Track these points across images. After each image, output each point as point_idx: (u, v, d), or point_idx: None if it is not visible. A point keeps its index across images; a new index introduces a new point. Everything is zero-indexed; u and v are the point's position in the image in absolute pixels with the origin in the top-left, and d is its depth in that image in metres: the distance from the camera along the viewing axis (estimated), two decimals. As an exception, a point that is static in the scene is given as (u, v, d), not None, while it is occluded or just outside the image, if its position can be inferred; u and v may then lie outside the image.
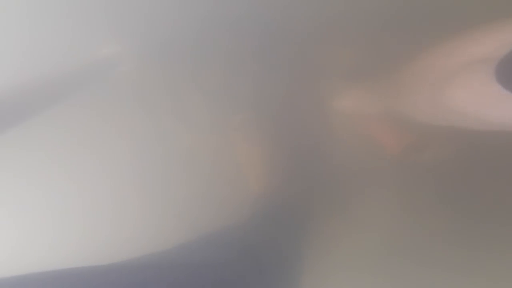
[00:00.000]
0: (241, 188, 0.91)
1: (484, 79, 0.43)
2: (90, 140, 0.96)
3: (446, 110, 0.52)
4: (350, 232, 0.87)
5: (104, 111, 0.95)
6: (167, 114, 0.94)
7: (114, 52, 0.91)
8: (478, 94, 0.46)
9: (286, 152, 0.89)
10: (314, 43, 0.85)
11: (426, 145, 0.80)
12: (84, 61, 0.90)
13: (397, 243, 0.85)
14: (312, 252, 0.83)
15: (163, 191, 0.95)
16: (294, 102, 0.87)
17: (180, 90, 0.93)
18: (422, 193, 0.84)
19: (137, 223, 0.96)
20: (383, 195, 0.85)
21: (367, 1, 0.79)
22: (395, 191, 0.85)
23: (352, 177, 0.86)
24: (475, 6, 0.73)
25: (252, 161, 0.89)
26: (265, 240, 0.65)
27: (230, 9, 0.87)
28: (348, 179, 0.86)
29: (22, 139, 0.90)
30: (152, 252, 0.51)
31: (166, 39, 0.91)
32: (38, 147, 0.97)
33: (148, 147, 0.95)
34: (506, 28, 0.46)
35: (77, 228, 0.99)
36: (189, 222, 0.92)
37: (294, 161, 0.89)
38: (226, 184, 0.92)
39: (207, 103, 0.91)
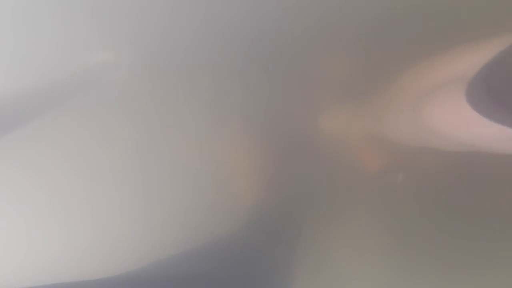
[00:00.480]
0: (232, 196, 0.91)
1: (456, 100, 0.44)
2: (81, 148, 0.96)
3: (423, 130, 0.53)
4: (340, 241, 0.87)
5: (96, 118, 0.95)
6: (160, 121, 0.94)
7: (108, 59, 0.91)
8: (451, 115, 0.46)
9: (277, 161, 0.90)
10: (304, 55, 0.85)
11: (403, 165, 0.82)
12: (78, 68, 0.90)
13: (386, 251, 0.86)
14: (302, 260, 0.84)
15: (154, 200, 0.95)
16: (285, 111, 0.88)
17: (173, 97, 0.93)
18: (406, 204, 0.85)
19: (126, 233, 0.95)
20: (371, 205, 0.86)
21: (350, 22, 0.81)
22: (383, 201, 0.86)
23: (342, 186, 0.87)
24: (452, 27, 0.75)
25: (243, 169, 0.89)
26: (256, 248, 0.65)
27: (223, 18, 0.87)
28: (338, 188, 0.87)
29: (14, 147, 0.89)
30: (142, 264, 0.51)
31: (159, 46, 0.91)
32: (34, 155, 0.96)
33: (139, 155, 0.95)
34: (477, 49, 0.46)
35: (58, 238, 0.99)
36: (178, 231, 0.92)
37: (286, 170, 0.89)
38: (217, 193, 0.92)
39: (199, 111, 0.92)
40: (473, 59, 0.45)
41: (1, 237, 1.00)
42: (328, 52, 0.84)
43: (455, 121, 0.46)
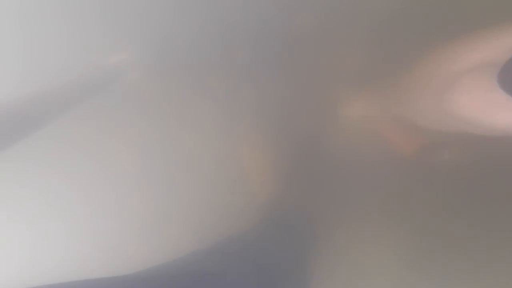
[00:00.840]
0: (247, 194, 0.90)
1: (487, 84, 0.43)
2: (97, 148, 0.97)
3: (450, 115, 0.52)
4: (357, 239, 0.86)
5: (111, 119, 0.96)
6: (173, 121, 0.94)
7: (121, 60, 0.92)
8: (481, 100, 0.45)
9: (291, 158, 0.89)
10: (319, 49, 0.84)
11: (434, 150, 0.80)
12: (91, 70, 0.91)
13: (405, 250, 0.84)
14: (318, 259, 0.83)
15: (168, 198, 0.95)
16: (300, 107, 0.87)
17: (186, 97, 0.93)
18: (429, 199, 0.83)
19: (142, 231, 0.96)
20: (389, 201, 0.84)
21: (369, 8, 0.79)
22: (402, 196, 0.84)
23: (359, 183, 0.85)
24: (476, 11, 0.72)
25: (257, 167, 0.89)
26: (270, 247, 0.64)
27: (235, 15, 0.87)
28: (354, 185, 0.86)
29: (29, 149, 0.90)
30: (157, 262, 0.51)
31: (171, 46, 0.91)
32: (45, 156, 0.97)
33: (153, 154, 0.95)
34: (508, 33, 0.45)
35: (70, 236, 0.99)
36: (194, 230, 0.92)
37: (300, 167, 0.89)
38: (231, 191, 0.92)
39: (212, 110, 0.91)
40: (504, 43, 0.44)
41: (3, 238, 1.02)
42: (343, 44, 0.83)
43: (486, 106, 0.45)
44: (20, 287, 0.37)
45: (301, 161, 0.89)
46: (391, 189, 0.84)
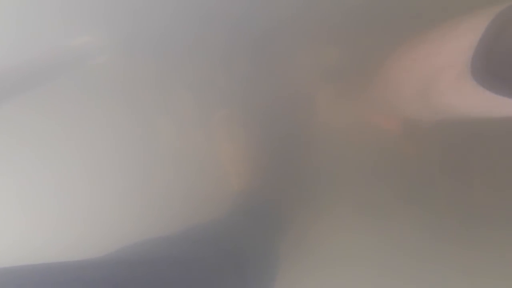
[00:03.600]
0: (223, 184, 0.91)
1: (462, 74, 0.44)
2: (64, 132, 0.95)
3: (431, 104, 0.54)
4: (329, 228, 0.88)
5: (80, 103, 0.93)
6: (148, 107, 0.93)
7: (88, 43, 0.89)
8: (456, 89, 0.47)
9: (265, 148, 0.90)
10: (296, 39, 0.85)
11: (411, 139, 0.81)
12: (50, 51, 0.88)
13: (376, 239, 0.86)
14: (291, 249, 0.84)
15: (143, 186, 0.94)
16: (276, 98, 0.87)
17: (159, 84, 0.91)
18: (402, 187, 0.85)
19: (116, 217, 0.95)
20: (361, 191, 0.86)
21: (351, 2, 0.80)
22: (374, 186, 0.86)
23: (332, 174, 0.87)
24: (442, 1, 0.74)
25: (234, 157, 0.89)
26: (244, 236, 0.65)
27: (216, 3, 0.86)
28: (327, 176, 0.87)
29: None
30: (129, 246, 0.51)
31: (143, 31, 0.89)
32: (16, 139, 0.95)
33: (127, 141, 0.94)
34: (474, 20, 0.46)
35: (51, 221, 0.97)
36: (168, 217, 0.92)
37: (277, 158, 0.90)
38: (207, 180, 0.92)
39: (190, 98, 0.91)
40: (471, 31, 0.45)
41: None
42: (320, 35, 0.83)
43: (462, 96, 0.47)
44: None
45: (275, 150, 0.90)
46: (364, 179, 0.86)
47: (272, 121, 0.88)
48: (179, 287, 0.42)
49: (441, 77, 0.51)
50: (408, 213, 0.84)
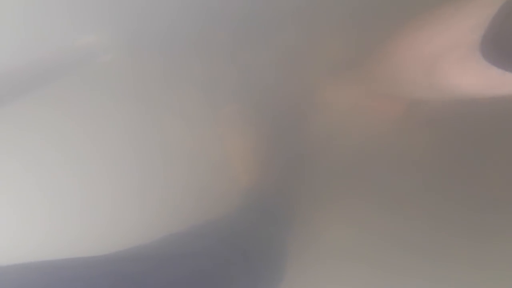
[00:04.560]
0: (230, 180, 0.91)
1: (471, 53, 0.44)
2: (70, 131, 0.95)
3: (438, 85, 0.53)
4: (335, 221, 0.88)
5: (81, 102, 0.93)
6: (155, 105, 0.93)
7: (88, 43, 0.89)
8: (466, 69, 0.47)
9: (273, 142, 0.90)
10: (304, 33, 0.84)
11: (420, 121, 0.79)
12: (60, 50, 0.88)
13: (381, 232, 0.86)
14: (298, 244, 0.84)
15: (151, 184, 0.95)
16: (282, 93, 0.87)
17: (165, 81, 0.92)
18: (407, 180, 0.84)
19: (124, 215, 0.95)
20: (367, 185, 0.86)
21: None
22: (379, 180, 0.85)
23: (338, 167, 0.87)
24: None
25: (240, 153, 0.89)
26: (251, 231, 0.65)
27: (219, 0, 0.86)
28: (334, 169, 0.87)
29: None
30: (139, 243, 0.51)
31: (147, 29, 0.89)
32: (3, 142, 0.95)
33: (133, 138, 0.94)
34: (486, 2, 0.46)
35: (45, 220, 0.98)
36: (176, 214, 0.92)
37: (285, 154, 0.90)
38: (214, 176, 0.92)
39: (197, 95, 0.91)
40: (480, 11, 0.45)
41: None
42: (324, 27, 0.83)
43: (470, 74, 0.46)
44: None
45: (282, 145, 0.89)
46: (373, 172, 0.85)
47: (278, 115, 0.88)
48: (188, 283, 0.42)
49: (448, 56, 0.50)
50: (422, 204, 0.83)
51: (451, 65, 0.49)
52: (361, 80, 0.81)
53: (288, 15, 0.83)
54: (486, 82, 0.46)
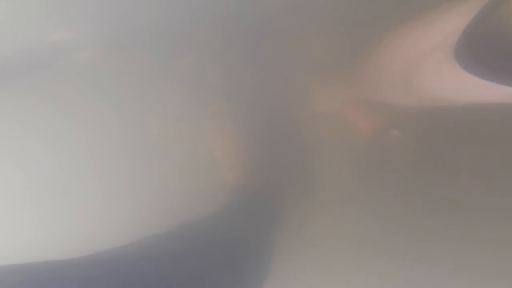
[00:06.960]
0: (216, 179, 0.90)
1: (446, 61, 0.45)
2: (53, 128, 0.93)
3: (415, 92, 0.54)
4: (324, 220, 0.88)
5: (59, 98, 0.91)
6: (137, 103, 0.91)
7: (68, 38, 0.88)
8: (441, 75, 0.48)
9: (261, 142, 0.90)
10: (286, 34, 0.84)
11: (396, 126, 0.80)
12: (33, 45, 0.87)
13: (373, 232, 0.87)
14: (283, 242, 0.85)
15: (135, 183, 0.94)
16: (268, 92, 0.87)
17: (150, 79, 0.90)
18: (393, 182, 0.85)
19: (108, 215, 0.94)
20: (353, 185, 0.87)
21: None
22: (365, 180, 0.86)
23: (329, 168, 0.88)
24: None
25: (227, 152, 0.89)
26: (238, 231, 0.66)
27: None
28: (324, 170, 0.88)
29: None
30: (122, 244, 0.51)
31: (131, 25, 0.88)
32: None
33: (116, 138, 0.93)
34: (460, 8, 0.47)
35: (33, 220, 0.97)
36: (162, 214, 0.91)
37: (270, 152, 0.90)
38: (201, 175, 0.91)
39: (179, 93, 0.90)
40: (456, 19, 0.46)
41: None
42: (310, 30, 0.83)
43: (446, 81, 0.48)
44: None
45: (270, 144, 0.89)
46: (356, 172, 0.86)
47: (265, 114, 0.88)
48: (174, 283, 0.42)
49: (426, 61, 0.51)
50: (403, 206, 0.85)
51: (428, 70, 0.50)
52: (347, 84, 0.83)
53: (274, 14, 0.83)
54: (461, 88, 0.47)
